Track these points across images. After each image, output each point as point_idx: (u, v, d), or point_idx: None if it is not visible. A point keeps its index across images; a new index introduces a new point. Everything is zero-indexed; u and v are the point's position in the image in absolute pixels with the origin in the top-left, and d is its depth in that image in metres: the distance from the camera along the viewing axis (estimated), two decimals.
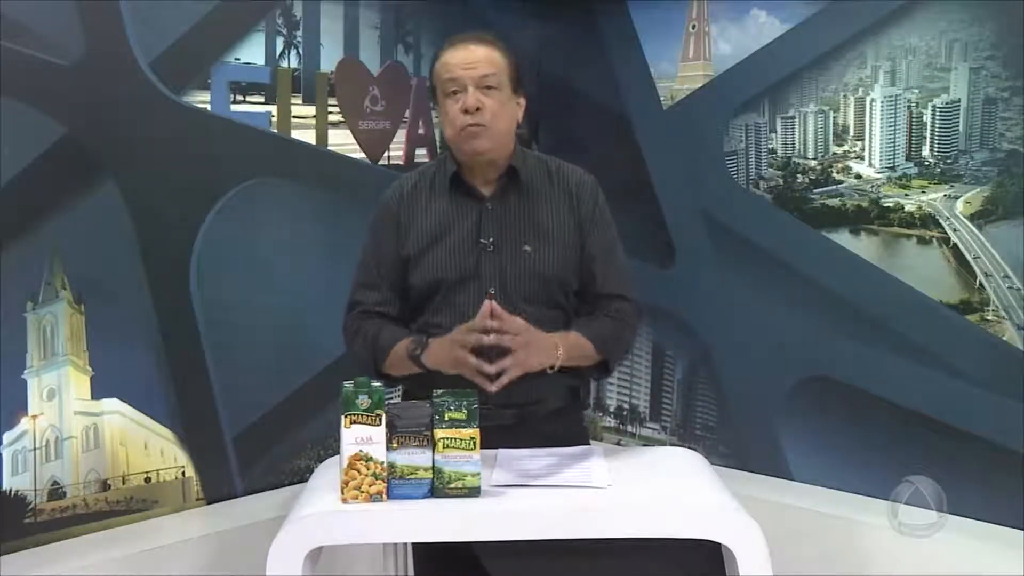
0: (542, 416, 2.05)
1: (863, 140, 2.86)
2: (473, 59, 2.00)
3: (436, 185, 2.10)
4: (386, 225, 2.12)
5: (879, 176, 2.83)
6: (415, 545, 2.01)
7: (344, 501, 1.65)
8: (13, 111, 2.31)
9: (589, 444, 2.12)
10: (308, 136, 2.94)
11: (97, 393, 2.50)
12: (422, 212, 2.08)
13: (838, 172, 2.91)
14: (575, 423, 2.17)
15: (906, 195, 2.77)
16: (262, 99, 2.83)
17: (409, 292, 2.10)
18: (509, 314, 1.86)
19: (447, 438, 1.66)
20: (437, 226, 2.06)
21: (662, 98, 3.30)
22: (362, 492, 1.65)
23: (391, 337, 2.03)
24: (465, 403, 1.66)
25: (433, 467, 1.67)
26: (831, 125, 2.92)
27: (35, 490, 2.40)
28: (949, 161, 2.67)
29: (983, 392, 2.58)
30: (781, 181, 3.03)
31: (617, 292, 2.11)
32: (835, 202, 2.91)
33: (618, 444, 3.42)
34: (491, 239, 2.04)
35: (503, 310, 1.86)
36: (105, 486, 2.53)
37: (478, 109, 1.97)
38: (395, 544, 1.97)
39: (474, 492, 1.67)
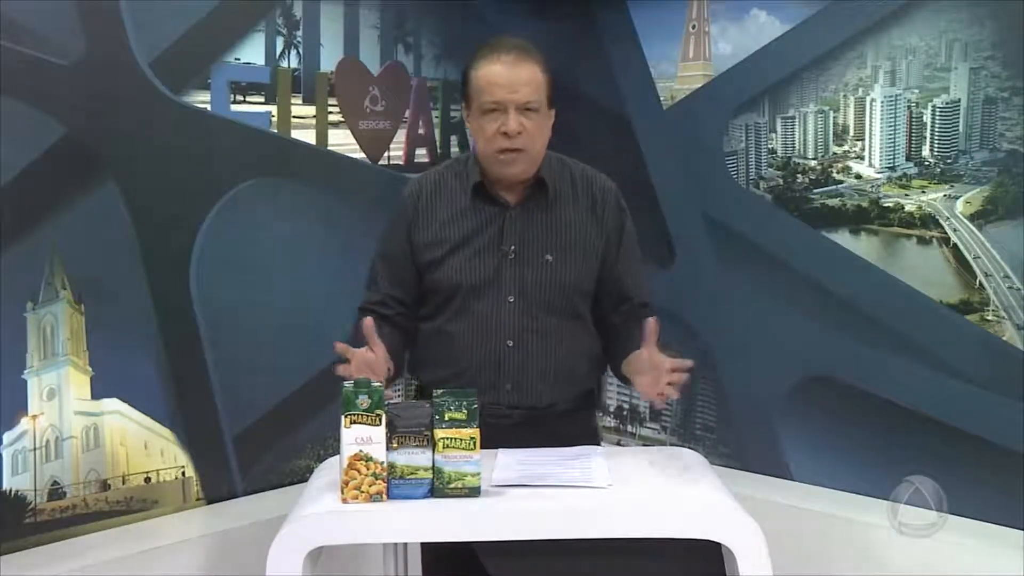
0: (553, 416, 2.05)
1: (863, 140, 2.86)
2: (517, 81, 1.92)
3: (458, 188, 2.06)
4: (398, 225, 2.08)
5: (879, 176, 2.83)
6: (423, 545, 2.01)
7: (344, 501, 1.65)
8: (13, 111, 2.31)
9: (599, 444, 2.12)
10: (308, 136, 2.94)
11: (97, 393, 2.50)
12: (443, 214, 2.04)
13: (838, 172, 2.91)
14: (586, 423, 2.17)
15: (906, 195, 2.77)
16: (262, 99, 2.83)
17: (424, 294, 2.07)
18: None
19: (447, 438, 1.66)
20: (459, 231, 2.03)
21: (662, 98, 3.30)
22: (362, 492, 1.65)
23: None
24: (465, 403, 1.66)
25: (433, 467, 1.66)
26: (831, 125, 2.92)
27: (35, 490, 2.40)
28: (949, 161, 2.67)
29: (983, 392, 2.58)
30: (781, 181, 3.03)
31: (646, 300, 2.10)
32: (835, 202, 2.91)
33: (618, 444, 3.42)
34: (512, 247, 2.01)
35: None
36: (105, 486, 2.53)
37: (519, 133, 1.93)
38: (395, 544, 1.97)
39: (474, 492, 1.67)
